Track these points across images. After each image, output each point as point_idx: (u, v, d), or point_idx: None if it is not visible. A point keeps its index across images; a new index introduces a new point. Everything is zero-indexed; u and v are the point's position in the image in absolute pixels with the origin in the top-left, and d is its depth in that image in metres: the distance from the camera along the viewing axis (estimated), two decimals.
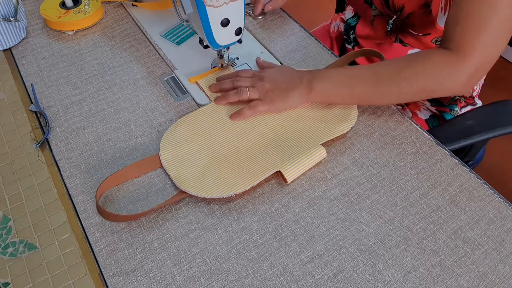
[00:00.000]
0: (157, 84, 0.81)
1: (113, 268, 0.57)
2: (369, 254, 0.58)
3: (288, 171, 0.64)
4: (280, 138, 0.69)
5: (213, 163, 0.66)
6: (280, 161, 0.65)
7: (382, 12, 0.87)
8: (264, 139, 0.69)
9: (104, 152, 0.70)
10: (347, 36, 1.01)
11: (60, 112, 0.76)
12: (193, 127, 0.71)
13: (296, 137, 0.69)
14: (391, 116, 0.73)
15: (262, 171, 0.64)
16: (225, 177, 0.64)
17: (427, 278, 0.55)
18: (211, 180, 0.64)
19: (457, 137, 0.74)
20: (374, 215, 0.61)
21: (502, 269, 0.56)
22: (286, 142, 0.68)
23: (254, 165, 0.65)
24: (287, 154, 0.66)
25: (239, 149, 0.68)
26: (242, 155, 0.67)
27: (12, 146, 0.72)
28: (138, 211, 0.62)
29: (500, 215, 0.61)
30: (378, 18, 0.90)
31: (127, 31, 0.91)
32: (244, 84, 0.73)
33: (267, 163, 0.65)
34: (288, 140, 0.69)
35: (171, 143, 0.69)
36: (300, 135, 0.69)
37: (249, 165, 0.66)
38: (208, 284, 0.56)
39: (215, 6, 0.66)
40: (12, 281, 0.57)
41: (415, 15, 0.81)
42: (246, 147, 0.68)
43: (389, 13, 0.85)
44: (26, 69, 0.84)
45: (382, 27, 0.90)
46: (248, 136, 0.70)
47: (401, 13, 0.82)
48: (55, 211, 0.63)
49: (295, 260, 0.57)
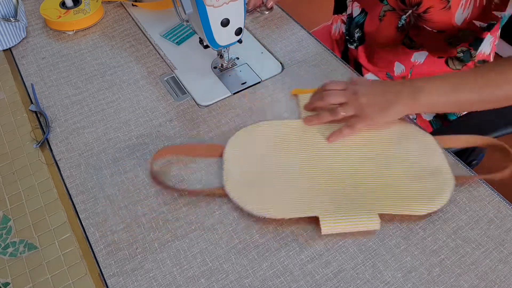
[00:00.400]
0: (157, 84, 0.81)
1: (113, 268, 0.57)
2: (369, 254, 0.58)
3: (327, 223, 0.58)
4: (351, 182, 0.63)
5: (272, 178, 0.64)
6: (326, 209, 0.60)
7: (394, 7, 0.86)
8: (334, 176, 0.64)
9: (104, 152, 0.70)
10: (349, 37, 1.00)
11: (60, 112, 0.76)
12: (271, 134, 0.69)
13: (370, 190, 0.62)
14: None
15: (309, 209, 0.60)
16: (278, 197, 0.61)
17: (427, 278, 0.55)
18: (259, 192, 0.62)
19: None
20: None
21: (502, 269, 0.56)
22: (354, 188, 0.62)
23: (307, 198, 0.61)
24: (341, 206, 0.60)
25: (305, 175, 0.64)
26: (304, 182, 0.63)
27: (12, 146, 0.72)
28: (138, 212, 0.62)
29: (500, 215, 0.61)
30: (389, 13, 0.88)
31: (127, 31, 0.91)
32: (337, 100, 0.69)
33: (318, 204, 0.60)
34: (359, 186, 0.63)
35: (242, 140, 0.68)
36: (374, 189, 0.62)
37: (304, 195, 0.62)
38: (208, 284, 0.56)
39: (215, 6, 0.66)
40: (12, 281, 0.57)
41: (433, 10, 0.79)
42: (312, 176, 0.64)
43: (403, 7, 0.84)
44: (26, 69, 0.84)
45: (392, 23, 0.89)
46: (320, 165, 0.65)
47: (418, 7, 0.81)
48: (55, 211, 0.63)
49: (295, 260, 0.57)
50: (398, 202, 0.60)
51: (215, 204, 0.63)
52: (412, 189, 0.62)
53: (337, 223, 0.58)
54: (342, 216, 0.59)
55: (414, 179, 0.63)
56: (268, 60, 0.84)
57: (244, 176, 0.64)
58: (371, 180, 0.63)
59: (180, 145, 0.69)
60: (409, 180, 0.63)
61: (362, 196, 0.61)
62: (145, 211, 0.63)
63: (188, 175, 0.66)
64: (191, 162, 0.68)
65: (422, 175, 0.63)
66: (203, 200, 0.63)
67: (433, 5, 0.79)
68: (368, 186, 0.63)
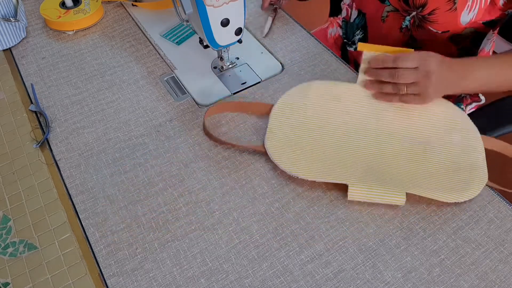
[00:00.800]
0: (157, 84, 0.81)
1: (113, 268, 0.57)
2: (369, 254, 0.58)
3: (355, 191, 0.61)
4: (387, 158, 0.65)
5: (312, 141, 0.67)
6: (357, 178, 0.62)
7: (397, 8, 0.86)
8: (372, 150, 0.66)
9: (104, 152, 0.70)
10: (347, 40, 1.00)
11: (60, 112, 0.76)
12: (321, 94, 0.71)
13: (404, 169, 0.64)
14: None
15: (340, 176, 0.62)
16: (314, 159, 0.65)
17: (427, 278, 0.55)
18: (296, 153, 0.65)
19: None
20: (374, 215, 0.61)
21: (502, 269, 0.56)
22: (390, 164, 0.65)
23: (341, 166, 0.64)
24: (374, 176, 0.63)
25: (345, 143, 0.67)
26: (343, 150, 0.66)
27: (12, 146, 0.72)
28: (138, 212, 0.62)
29: (500, 215, 0.61)
30: (392, 14, 0.88)
31: (127, 31, 0.91)
32: (407, 79, 0.67)
33: (351, 173, 0.63)
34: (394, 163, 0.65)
35: (291, 100, 0.71)
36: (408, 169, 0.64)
37: (339, 162, 0.64)
38: (208, 284, 0.56)
39: (215, 6, 0.66)
40: (12, 281, 0.57)
41: (439, 11, 0.79)
42: (351, 145, 0.67)
43: (407, 9, 0.84)
44: (26, 69, 0.84)
45: (395, 24, 0.88)
46: (361, 136, 0.68)
47: (423, 9, 0.80)
48: (55, 211, 0.63)
49: (295, 260, 0.57)
50: (428, 185, 0.62)
51: (215, 204, 0.63)
52: (444, 177, 0.63)
53: (364, 192, 0.61)
54: (370, 186, 0.61)
55: (449, 168, 0.64)
56: (268, 60, 0.84)
57: (285, 136, 0.67)
58: (407, 160, 0.65)
59: (230, 101, 0.74)
60: (443, 168, 0.64)
61: (395, 172, 0.63)
62: (145, 211, 0.63)
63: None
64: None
65: (457, 167, 0.64)
66: (203, 200, 0.63)
67: (439, 6, 0.78)
68: (403, 165, 0.65)
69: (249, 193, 0.64)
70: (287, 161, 0.65)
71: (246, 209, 0.62)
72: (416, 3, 0.81)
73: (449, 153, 0.66)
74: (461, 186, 0.62)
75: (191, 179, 0.66)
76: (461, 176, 0.63)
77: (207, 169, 0.67)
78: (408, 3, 0.82)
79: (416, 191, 0.61)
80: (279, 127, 0.69)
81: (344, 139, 0.68)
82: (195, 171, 0.67)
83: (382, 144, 0.67)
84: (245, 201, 0.63)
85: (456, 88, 0.70)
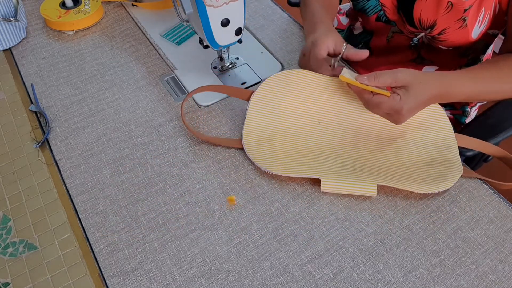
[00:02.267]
0: (157, 84, 0.81)
1: (113, 268, 0.57)
2: (369, 254, 0.58)
3: (328, 184, 0.62)
4: (360, 153, 0.67)
5: (287, 136, 0.68)
6: (330, 173, 0.63)
7: (402, 30, 0.83)
8: (346, 146, 0.67)
9: (104, 152, 0.70)
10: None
11: (60, 112, 0.76)
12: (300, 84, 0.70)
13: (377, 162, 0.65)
14: None
15: (314, 171, 0.63)
16: (289, 154, 0.66)
17: (427, 278, 0.55)
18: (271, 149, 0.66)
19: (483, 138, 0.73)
20: (374, 215, 0.61)
21: (502, 269, 0.56)
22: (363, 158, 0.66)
23: (315, 161, 0.65)
24: (347, 169, 0.64)
25: (319, 138, 0.68)
26: (317, 145, 0.67)
27: (12, 146, 0.72)
28: (138, 212, 0.62)
29: (500, 215, 0.61)
30: (398, 36, 0.85)
31: (127, 31, 0.91)
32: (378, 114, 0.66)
33: (325, 168, 0.64)
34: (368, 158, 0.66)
35: (270, 87, 0.70)
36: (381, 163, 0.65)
37: (312, 158, 0.66)
38: (208, 284, 0.56)
39: (215, 6, 0.66)
40: (12, 281, 0.57)
41: (450, 30, 0.77)
42: (325, 141, 0.68)
43: (413, 31, 0.81)
44: (26, 69, 0.84)
45: (402, 43, 0.86)
46: (335, 131, 0.68)
47: (431, 30, 0.78)
48: (55, 211, 0.63)
49: (295, 260, 0.57)
50: (402, 178, 0.63)
51: (215, 204, 0.63)
52: (418, 170, 0.64)
53: (337, 185, 0.62)
54: (342, 179, 0.62)
55: (422, 163, 0.65)
56: (268, 60, 0.84)
57: (261, 130, 0.68)
58: (381, 154, 0.66)
59: (212, 85, 0.74)
60: (417, 163, 0.65)
61: (368, 166, 0.65)
62: (145, 211, 0.63)
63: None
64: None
65: (431, 161, 0.65)
66: (203, 200, 0.63)
67: (449, 26, 0.76)
68: (377, 159, 0.66)
69: (249, 193, 0.64)
70: (262, 157, 0.66)
71: (246, 209, 0.62)
72: (423, 25, 0.78)
73: (423, 149, 0.67)
74: (435, 178, 0.62)
75: (191, 179, 0.66)
76: (435, 169, 0.64)
77: (207, 169, 0.67)
78: (415, 25, 0.79)
79: (390, 183, 0.62)
80: (255, 120, 0.69)
81: (319, 134, 0.69)
82: (195, 171, 0.67)
83: (356, 139, 0.68)
84: (245, 201, 0.63)
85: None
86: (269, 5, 0.96)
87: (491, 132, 0.80)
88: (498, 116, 0.84)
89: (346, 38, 0.99)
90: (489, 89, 0.68)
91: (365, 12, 0.87)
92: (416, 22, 0.79)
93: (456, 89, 0.66)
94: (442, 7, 0.74)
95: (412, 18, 0.79)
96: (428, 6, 0.75)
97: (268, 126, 0.69)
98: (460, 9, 0.72)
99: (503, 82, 0.68)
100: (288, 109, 0.70)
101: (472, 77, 0.67)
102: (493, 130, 0.75)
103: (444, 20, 0.76)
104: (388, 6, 0.82)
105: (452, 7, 0.73)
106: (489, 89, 0.68)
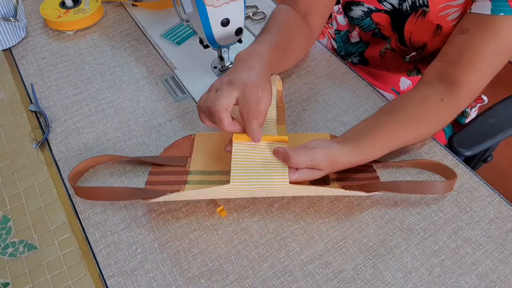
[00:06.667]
0: (157, 84, 0.80)
1: (113, 268, 0.57)
2: (369, 255, 0.58)
3: (236, 179, 0.55)
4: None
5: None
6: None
7: (394, 48, 0.83)
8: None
9: (104, 152, 0.70)
10: (346, 55, 0.97)
11: (60, 112, 0.76)
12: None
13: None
14: None
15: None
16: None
17: (427, 279, 0.55)
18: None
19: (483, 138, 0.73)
20: (374, 215, 0.61)
21: (502, 269, 0.56)
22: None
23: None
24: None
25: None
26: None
27: (12, 146, 0.72)
28: (138, 212, 0.62)
29: (500, 215, 0.61)
30: (390, 53, 0.84)
31: (127, 31, 0.91)
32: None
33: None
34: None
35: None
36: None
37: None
38: (208, 285, 0.56)
39: (215, 6, 0.66)
40: (12, 281, 0.57)
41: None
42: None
43: (405, 50, 0.81)
44: (26, 69, 0.84)
45: (394, 59, 0.85)
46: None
47: (422, 50, 0.77)
48: (55, 211, 0.63)
49: (295, 260, 0.57)
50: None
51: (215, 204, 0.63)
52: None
53: (247, 180, 0.55)
54: (252, 175, 0.56)
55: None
56: None
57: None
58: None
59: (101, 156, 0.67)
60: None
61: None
62: (145, 211, 0.63)
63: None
64: None
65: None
66: (203, 200, 0.63)
67: (439, 47, 0.71)
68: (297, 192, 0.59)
69: None
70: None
71: (246, 209, 0.62)
72: (414, 44, 0.77)
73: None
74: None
75: None
76: None
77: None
78: (406, 44, 0.79)
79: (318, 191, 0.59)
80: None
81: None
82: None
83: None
84: (245, 201, 0.63)
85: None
86: (269, 5, 0.96)
87: (491, 132, 0.80)
88: (498, 116, 0.84)
89: (343, 43, 0.99)
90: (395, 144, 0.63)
91: (361, 28, 0.87)
92: (407, 42, 0.78)
93: (344, 159, 0.58)
94: (431, 30, 0.73)
95: (404, 38, 0.78)
96: (418, 29, 0.75)
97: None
98: (449, 32, 0.70)
99: (407, 129, 0.63)
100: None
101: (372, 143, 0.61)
102: (493, 130, 0.75)
103: (433, 42, 0.75)
104: (383, 24, 0.82)
105: (441, 30, 0.72)
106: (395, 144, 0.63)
